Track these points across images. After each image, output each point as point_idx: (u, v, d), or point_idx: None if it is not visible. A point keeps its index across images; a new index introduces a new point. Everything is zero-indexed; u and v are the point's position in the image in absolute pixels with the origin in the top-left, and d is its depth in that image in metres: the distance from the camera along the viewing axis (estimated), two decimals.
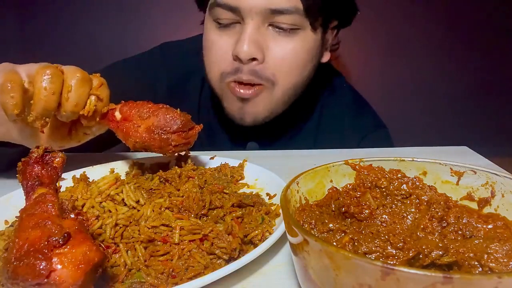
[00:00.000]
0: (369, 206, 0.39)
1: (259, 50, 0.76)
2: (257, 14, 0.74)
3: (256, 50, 0.75)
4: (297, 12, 0.75)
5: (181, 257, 0.43)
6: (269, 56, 0.78)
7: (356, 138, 0.93)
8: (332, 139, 0.92)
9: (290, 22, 0.76)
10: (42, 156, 0.44)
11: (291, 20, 0.75)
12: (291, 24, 0.76)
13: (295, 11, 0.75)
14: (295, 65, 0.80)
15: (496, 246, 0.31)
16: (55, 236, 0.32)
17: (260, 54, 0.76)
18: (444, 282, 0.22)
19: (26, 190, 0.41)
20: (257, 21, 0.75)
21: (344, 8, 0.86)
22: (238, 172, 0.65)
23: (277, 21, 0.76)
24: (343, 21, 0.90)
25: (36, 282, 0.30)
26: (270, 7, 0.73)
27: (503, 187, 0.38)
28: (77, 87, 0.54)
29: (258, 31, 0.76)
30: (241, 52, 0.75)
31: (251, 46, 0.75)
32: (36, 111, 0.52)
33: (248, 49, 0.74)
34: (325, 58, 0.91)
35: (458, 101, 1.71)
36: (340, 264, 0.26)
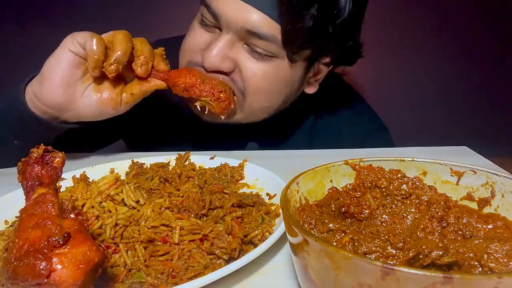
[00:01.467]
0: (369, 206, 0.39)
1: (225, 63, 0.74)
2: (234, 30, 0.72)
3: (222, 62, 0.74)
4: (274, 40, 0.71)
5: (181, 257, 0.43)
6: (239, 70, 0.75)
7: (355, 140, 0.92)
8: (331, 141, 0.91)
9: (266, 48, 0.73)
10: (42, 156, 0.44)
11: (267, 47, 0.72)
12: (267, 51, 0.73)
13: (272, 39, 0.71)
14: (263, 88, 0.77)
15: (496, 246, 0.31)
16: (55, 236, 0.32)
17: (226, 65, 0.74)
18: (444, 282, 0.22)
19: (26, 190, 0.41)
20: (233, 36, 0.73)
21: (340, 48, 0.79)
22: (238, 172, 0.65)
23: (253, 43, 0.73)
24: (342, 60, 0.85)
25: (36, 282, 0.30)
26: (247, 27, 0.70)
27: (503, 187, 0.38)
28: (146, 42, 0.71)
29: (231, 46, 0.74)
30: (206, 60, 0.74)
31: (217, 57, 0.73)
32: (115, 56, 0.66)
33: (214, 59, 0.73)
34: (311, 89, 0.87)
35: (458, 101, 1.71)
36: (340, 264, 0.26)
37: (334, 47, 0.77)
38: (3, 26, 1.61)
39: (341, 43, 0.77)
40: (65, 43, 0.67)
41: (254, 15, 0.70)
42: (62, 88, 0.67)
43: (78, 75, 0.68)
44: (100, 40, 0.66)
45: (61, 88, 0.67)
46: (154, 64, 0.72)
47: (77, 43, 0.66)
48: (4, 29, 1.61)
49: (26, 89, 0.70)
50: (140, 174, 0.62)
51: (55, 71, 0.67)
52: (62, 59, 0.67)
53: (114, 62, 0.66)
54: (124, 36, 0.68)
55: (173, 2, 1.63)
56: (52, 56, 0.68)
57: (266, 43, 0.72)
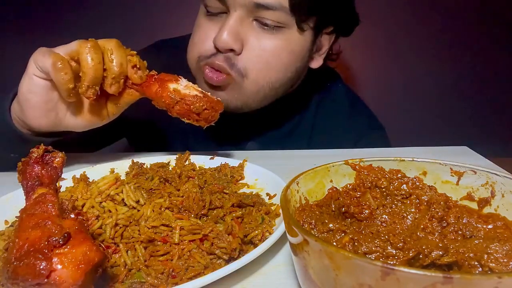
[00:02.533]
0: (369, 206, 0.39)
1: (237, 42, 0.74)
2: (242, 6, 0.73)
3: (234, 41, 0.74)
4: (282, 9, 0.73)
5: (181, 257, 0.43)
6: (247, 50, 0.76)
7: (351, 140, 0.92)
8: (327, 140, 0.92)
9: (275, 19, 0.74)
10: (42, 156, 0.44)
11: (275, 17, 0.74)
12: (276, 21, 0.74)
13: (280, 7, 0.72)
14: (273, 64, 0.78)
15: (496, 246, 0.31)
16: (55, 236, 0.32)
17: (238, 45, 0.75)
18: (444, 282, 0.22)
19: (26, 190, 0.41)
20: (241, 13, 0.74)
21: (341, 15, 0.84)
22: (238, 172, 0.65)
23: (261, 16, 0.74)
24: (342, 29, 0.87)
25: (36, 282, 0.30)
26: (254, 0, 0.72)
27: (503, 187, 0.38)
28: (116, 49, 0.60)
29: (241, 23, 0.74)
30: (219, 41, 0.73)
31: (230, 37, 0.73)
32: (87, 81, 0.57)
33: (227, 38, 0.73)
34: (315, 63, 0.88)
35: (459, 101, 1.71)
36: (340, 264, 0.26)
37: (336, 12, 0.81)
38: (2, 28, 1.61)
39: (341, 9, 0.82)
40: (30, 69, 0.61)
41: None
42: (44, 115, 0.63)
43: (56, 97, 0.63)
44: (64, 66, 0.57)
45: (43, 116, 0.63)
46: (128, 76, 0.63)
47: (40, 68, 0.59)
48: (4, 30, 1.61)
49: (11, 108, 0.67)
50: (140, 174, 0.62)
51: (30, 101, 0.62)
52: (33, 88, 0.61)
53: (88, 88, 0.58)
54: (90, 51, 0.58)
55: (174, 2, 1.63)
56: (23, 84, 0.62)
57: (275, 13, 0.73)
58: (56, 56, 0.57)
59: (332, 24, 0.84)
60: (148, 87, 0.63)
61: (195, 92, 0.63)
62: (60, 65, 0.56)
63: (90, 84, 0.58)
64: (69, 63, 0.58)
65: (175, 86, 0.63)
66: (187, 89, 0.63)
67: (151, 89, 0.63)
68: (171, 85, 0.63)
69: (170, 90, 0.62)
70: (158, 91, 0.62)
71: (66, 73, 0.57)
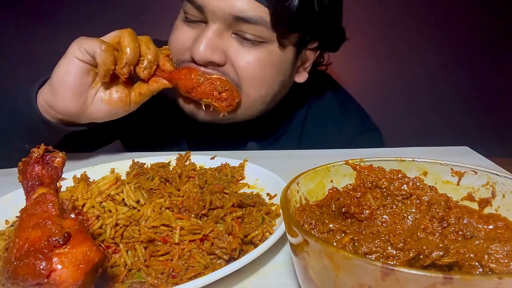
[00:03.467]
0: (369, 207, 0.39)
1: (216, 53, 0.73)
2: (221, 18, 0.71)
3: (212, 53, 0.72)
4: (263, 23, 0.71)
5: (181, 257, 0.43)
6: (231, 62, 0.74)
7: (343, 141, 0.90)
8: (319, 141, 0.90)
9: (255, 33, 0.72)
10: (43, 156, 0.44)
11: (256, 31, 0.72)
12: (256, 36, 0.72)
13: (261, 22, 0.70)
14: (260, 76, 0.76)
15: (497, 246, 0.31)
16: (55, 236, 0.32)
17: (217, 57, 0.73)
18: (444, 283, 0.22)
19: (27, 190, 0.41)
20: (220, 26, 0.72)
21: (326, 32, 0.81)
22: (238, 172, 0.65)
23: (241, 29, 0.72)
24: (327, 45, 0.85)
25: (36, 282, 0.30)
26: (233, 13, 0.70)
27: (503, 187, 0.38)
28: (151, 42, 0.71)
29: (220, 36, 0.73)
30: (196, 53, 0.72)
31: (207, 49, 0.71)
32: (126, 59, 0.67)
33: (204, 51, 0.71)
34: (301, 78, 0.86)
35: (459, 101, 1.71)
36: (340, 265, 0.26)
37: (320, 29, 0.79)
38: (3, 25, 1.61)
39: (326, 26, 0.80)
40: (72, 51, 0.67)
41: (241, 1, 0.70)
42: (75, 98, 0.68)
43: (89, 82, 0.69)
44: (109, 48, 0.65)
45: (74, 99, 0.68)
46: (160, 64, 0.72)
47: (84, 51, 0.66)
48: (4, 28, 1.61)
49: (38, 96, 0.70)
50: (141, 174, 0.62)
51: (66, 83, 0.67)
52: (71, 69, 0.67)
53: (125, 65, 0.67)
54: (130, 36, 0.68)
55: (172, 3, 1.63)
56: (61, 66, 0.67)
57: (255, 27, 0.72)
58: (102, 41, 0.66)
59: (317, 40, 0.81)
60: (177, 73, 0.73)
61: (217, 76, 0.73)
62: (105, 47, 0.65)
63: (128, 62, 0.67)
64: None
65: (201, 71, 0.73)
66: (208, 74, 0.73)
67: (180, 74, 0.72)
68: (198, 71, 0.73)
69: (197, 72, 0.72)
70: (186, 74, 0.72)
71: (111, 55, 0.66)
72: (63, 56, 0.68)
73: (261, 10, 0.70)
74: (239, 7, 0.70)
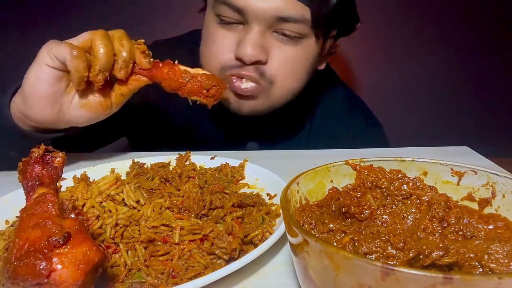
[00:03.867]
0: (369, 207, 0.39)
1: (263, 53, 0.76)
2: (263, 19, 0.74)
3: (260, 53, 0.75)
4: (303, 21, 0.74)
5: (181, 257, 0.43)
6: (272, 59, 0.78)
7: (349, 137, 0.93)
8: (325, 138, 0.93)
9: (296, 31, 0.75)
10: (43, 156, 0.44)
11: (296, 29, 0.75)
12: (296, 33, 0.76)
13: (302, 20, 0.74)
14: (296, 71, 0.81)
15: (497, 246, 0.31)
16: (55, 236, 0.32)
17: (264, 56, 0.76)
18: (444, 283, 0.22)
19: (27, 190, 0.41)
20: (263, 26, 0.75)
21: (347, 19, 0.86)
22: (238, 172, 0.65)
23: (282, 28, 0.75)
24: (344, 31, 0.89)
25: (36, 282, 0.30)
26: (277, 14, 0.73)
27: (504, 187, 0.38)
28: (125, 37, 0.64)
29: (263, 36, 0.76)
30: (245, 55, 0.74)
31: (255, 50, 0.74)
32: (99, 65, 0.60)
33: (252, 52, 0.74)
34: (322, 65, 0.92)
35: (459, 101, 1.71)
36: (340, 265, 0.26)
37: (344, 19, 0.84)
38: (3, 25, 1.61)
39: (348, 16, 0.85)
40: (41, 58, 0.61)
41: (282, 1, 0.72)
42: (49, 106, 0.63)
43: (62, 89, 0.64)
44: (81, 54, 0.59)
45: (49, 107, 0.63)
46: (137, 62, 0.66)
47: (54, 57, 0.60)
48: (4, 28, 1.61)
49: (11, 104, 0.66)
50: (141, 174, 0.62)
51: (38, 91, 0.62)
52: (42, 76, 0.61)
53: (99, 72, 0.61)
54: (102, 38, 0.60)
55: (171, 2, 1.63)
56: (31, 73, 0.62)
57: (296, 25, 0.75)
58: (72, 46, 0.60)
59: (337, 28, 0.86)
60: (158, 70, 0.66)
61: (202, 71, 0.67)
62: (77, 53, 0.59)
63: (102, 68, 0.60)
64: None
65: (184, 67, 0.66)
66: (194, 70, 0.67)
67: (162, 72, 0.66)
68: (180, 67, 0.66)
69: (181, 70, 0.66)
70: (169, 73, 0.65)
71: (83, 61, 0.59)
72: (32, 63, 0.62)
73: (301, 9, 0.74)
74: (281, 7, 0.72)
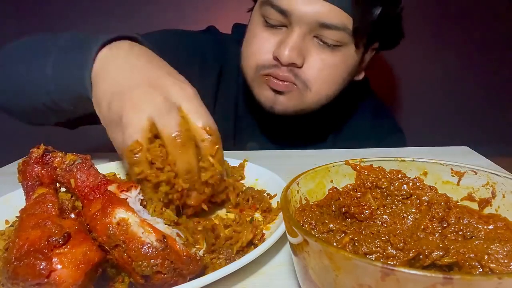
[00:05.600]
0: (369, 207, 0.39)
1: (299, 57, 0.77)
2: (306, 23, 0.75)
3: (297, 56, 0.77)
4: (344, 30, 0.75)
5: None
6: (308, 64, 0.79)
7: (373, 142, 0.94)
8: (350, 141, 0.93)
9: (336, 38, 0.76)
10: (42, 156, 0.44)
11: (336, 37, 0.76)
12: (336, 41, 0.77)
13: (343, 28, 0.75)
14: (332, 79, 0.82)
15: (497, 246, 0.31)
16: (55, 236, 0.32)
17: (300, 60, 0.78)
18: (444, 283, 0.22)
19: (26, 190, 0.41)
20: (304, 29, 0.76)
21: (391, 32, 0.87)
22: (238, 172, 0.65)
23: (323, 34, 0.76)
24: (387, 44, 0.90)
25: (36, 282, 0.30)
26: (319, 19, 0.74)
27: (504, 187, 0.38)
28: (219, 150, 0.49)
29: (303, 39, 0.77)
30: (282, 56, 0.76)
31: (293, 52, 0.76)
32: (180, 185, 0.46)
33: (290, 54, 0.76)
34: (360, 76, 0.93)
35: (459, 101, 1.71)
36: (340, 265, 0.26)
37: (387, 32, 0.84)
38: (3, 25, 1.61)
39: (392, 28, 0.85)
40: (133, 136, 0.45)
41: (326, 7, 0.73)
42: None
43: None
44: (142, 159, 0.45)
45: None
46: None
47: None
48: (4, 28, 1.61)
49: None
50: None
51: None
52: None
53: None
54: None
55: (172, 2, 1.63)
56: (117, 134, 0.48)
57: (337, 33, 0.75)
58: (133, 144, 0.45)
59: (379, 40, 0.86)
60: (87, 203, 0.40)
61: (151, 238, 0.35)
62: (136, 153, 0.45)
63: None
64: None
65: (123, 216, 0.36)
66: (141, 227, 0.35)
67: (89, 209, 0.38)
68: (118, 212, 0.36)
69: (111, 221, 0.35)
70: (96, 215, 0.36)
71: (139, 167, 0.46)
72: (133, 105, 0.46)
73: (344, 17, 0.74)
74: (325, 13, 0.73)
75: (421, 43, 1.66)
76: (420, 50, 1.67)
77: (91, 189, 0.40)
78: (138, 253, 0.33)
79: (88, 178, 0.41)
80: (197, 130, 0.47)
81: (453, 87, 1.70)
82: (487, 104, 1.72)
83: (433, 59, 1.67)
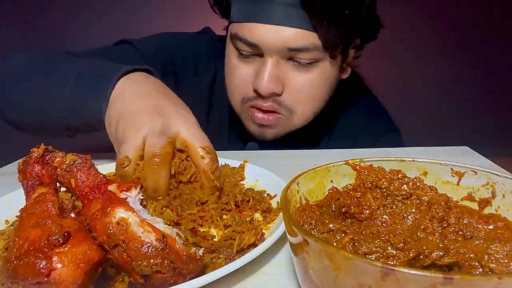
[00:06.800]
0: (369, 207, 0.39)
1: (278, 85, 0.78)
2: (276, 52, 0.76)
3: (275, 85, 0.78)
4: (315, 48, 0.76)
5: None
6: (288, 89, 0.80)
7: (369, 141, 0.94)
8: (346, 140, 0.94)
9: (309, 58, 0.77)
10: (43, 155, 0.44)
11: (309, 56, 0.77)
12: (310, 59, 0.77)
13: (313, 48, 0.75)
14: (314, 97, 0.83)
15: (497, 246, 0.31)
16: (55, 235, 0.32)
17: (279, 88, 0.79)
18: (444, 283, 0.22)
19: (26, 190, 0.41)
20: (276, 58, 0.77)
21: (368, 28, 0.86)
22: (239, 173, 0.65)
23: (296, 56, 0.77)
24: (368, 37, 0.90)
25: (36, 281, 0.30)
26: (287, 46, 0.75)
27: (503, 187, 0.38)
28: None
29: (278, 66, 0.78)
30: (261, 88, 0.77)
31: (270, 83, 0.77)
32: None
33: (267, 85, 0.77)
34: (345, 74, 0.92)
35: (459, 101, 1.71)
36: (340, 265, 0.26)
37: (364, 27, 0.83)
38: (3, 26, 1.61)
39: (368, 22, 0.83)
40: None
41: (291, 33, 0.73)
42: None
43: None
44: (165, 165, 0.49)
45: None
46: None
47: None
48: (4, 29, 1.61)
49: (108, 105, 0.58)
50: None
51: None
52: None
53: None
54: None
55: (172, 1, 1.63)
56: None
57: (308, 53, 0.76)
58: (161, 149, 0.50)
59: (359, 37, 0.86)
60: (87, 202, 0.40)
61: (151, 238, 0.35)
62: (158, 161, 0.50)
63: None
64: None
65: (123, 215, 0.36)
66: (141, 227, 0.35)
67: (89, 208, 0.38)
68: (118, 212, 0.36)
69: (111, 221, 0.35)
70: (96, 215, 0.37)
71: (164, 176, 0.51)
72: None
73: (311, 37, 0.74)
74: (291, 39, 0.74)
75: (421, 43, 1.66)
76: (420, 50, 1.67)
77: (91, 189, 0.40)
78: (138, 252, 0.34)
79: (88, 178, 0.41)
80: (196, 150, 0.51)
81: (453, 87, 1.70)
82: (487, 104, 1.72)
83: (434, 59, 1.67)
